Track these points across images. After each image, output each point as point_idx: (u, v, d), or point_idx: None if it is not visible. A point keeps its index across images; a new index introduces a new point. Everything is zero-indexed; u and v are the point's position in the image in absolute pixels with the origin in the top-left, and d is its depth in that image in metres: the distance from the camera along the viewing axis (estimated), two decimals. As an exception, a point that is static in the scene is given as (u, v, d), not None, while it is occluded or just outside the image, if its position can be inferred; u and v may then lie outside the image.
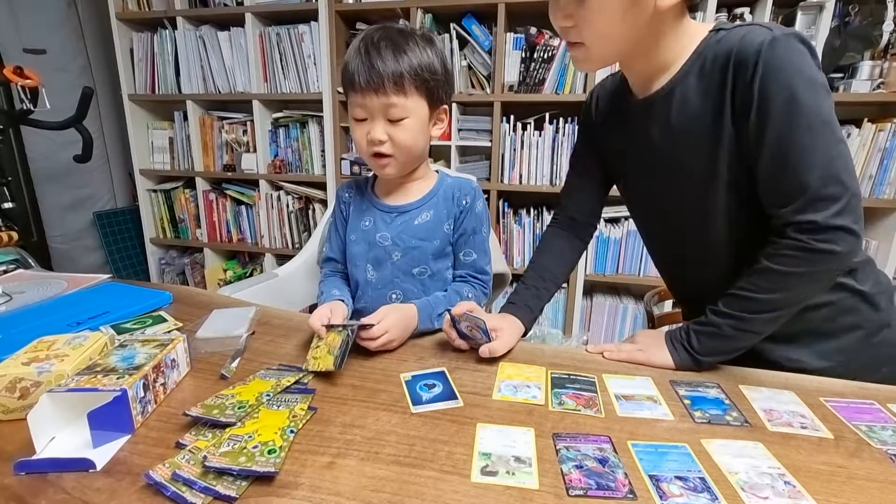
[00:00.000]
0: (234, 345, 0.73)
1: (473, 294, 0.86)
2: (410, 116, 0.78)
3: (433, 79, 0.78)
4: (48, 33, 2.21)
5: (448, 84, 0.82)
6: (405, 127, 0.78)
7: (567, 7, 0.63)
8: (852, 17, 1.73)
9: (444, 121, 0.85)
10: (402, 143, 0.79)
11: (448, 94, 0.83)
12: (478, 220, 0.88)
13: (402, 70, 0.74)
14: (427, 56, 0.77)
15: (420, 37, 0.78)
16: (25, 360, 0.56)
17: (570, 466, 0.48)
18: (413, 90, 0.77)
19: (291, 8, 2.09)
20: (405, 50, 0.75)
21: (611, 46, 0.65)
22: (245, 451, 0.47)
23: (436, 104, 0.81)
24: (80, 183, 2.42)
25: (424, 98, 0.79)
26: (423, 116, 0.80)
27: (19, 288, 0.93)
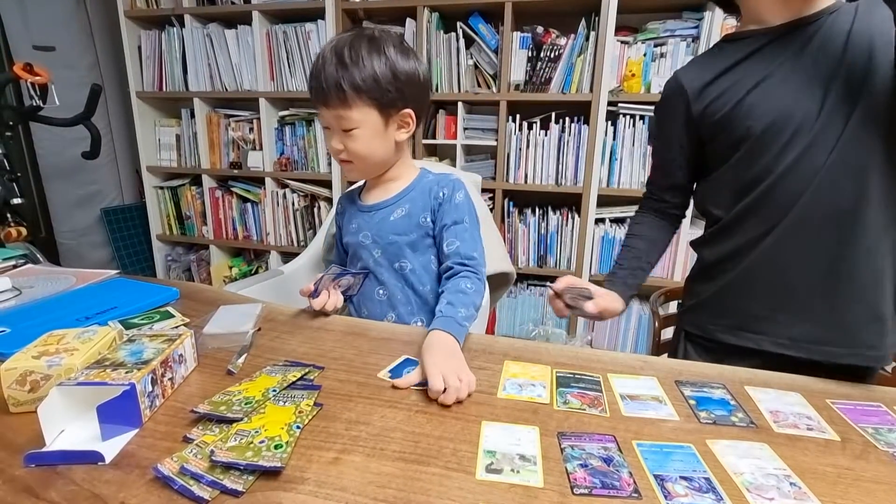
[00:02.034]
0: (241, 341, 0.73)
1: (472, 284, 0.81)
2: (360, 126, 0.80)
3: (379, 88, 0.78)
4: (57, 31, 2.23)
5: (404, 90, 0.81)
6: (356, 137, 0.81)
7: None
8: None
9: (411, 124, 0.85)
10: (355, 152, 0.82)
11: (408, 99, 0.82)
12: (458, 210, 0.87)
13: (342, 84, 0.77)
14: (372, 67, 0.78)
15: (370, 46, 0.79)
16: (35, 353, 0.57)
17: (575, 465, 0.48)
18: (358, 101, 0.78)
19: (298, 6, 2.09)
20: (348, 63, 0.77)
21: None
22: (252, 445, 0.47)
23: (389, 111, 0.81)
24: (87, 179, 2.44)
25: (373, 107, 0.80)
26: (374, 125, 0.81)
27: (28, 283, 0.94)
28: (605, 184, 1.99)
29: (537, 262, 2.15)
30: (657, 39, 1.88)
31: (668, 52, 1.85)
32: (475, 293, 0.80)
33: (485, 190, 2.09)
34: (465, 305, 0.76)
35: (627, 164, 1.96)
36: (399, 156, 0.90)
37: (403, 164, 0.92)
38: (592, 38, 1.87)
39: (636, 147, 1.93)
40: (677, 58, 1.84)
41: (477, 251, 0.86)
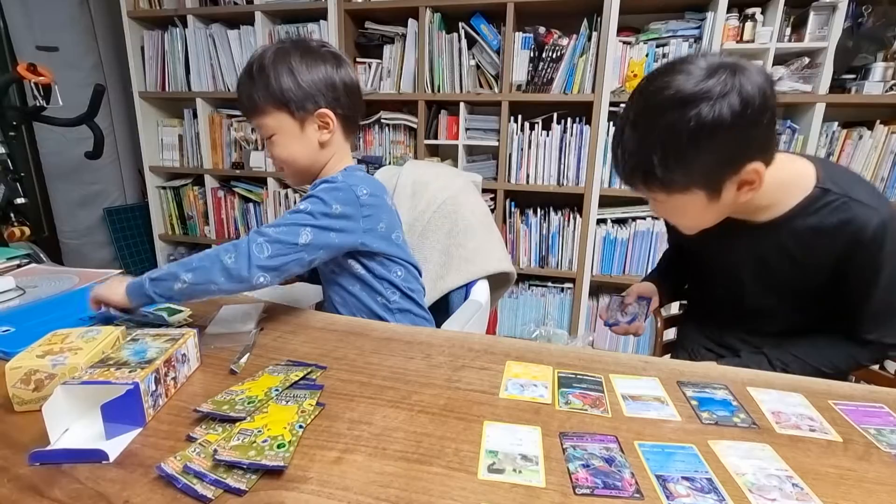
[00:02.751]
0: (243, 340, 0.73)
1: (222, 246, 0.75)
2: (277, 133, 0.85)
3: (283, 94, 0.82)
4: (61, 31, 2.24)
5: (312, 92, 0.83)
6: (276, 143, 0.86)
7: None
8: (865, 19, 1.71)
9: (330, 124, 0.86)
10: (278, 157, 0.88)
11: (322, 100, 0.84)
12: (304, 198, 0.84)
13: (252, 95, 0.83)
14: (276, 75, 0.81)
15: (276, 56, 0.82)
16: (40, 352, 0.57)
17: (577, 465, 0.48)
18: (268, 108, 0.83)
19: (301, 7, 2.10)
20: (255, 76, 0.82)
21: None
22: (255, 445, 0.48)
23: (302, 114, 0.84)
24: (90, 179, 2.44)
25: (284, 112, 0.83)
26: (289, 129, 0.85)
27: (32, 282, 0.95)
28: (606, 184, 1.99)
29: (539, 262, 2.15)
30: (659, 40, 1.88)
31: (671, 52, 1.85)
32: (206, 253, 0.74)
33: (486, 190, 2.10)
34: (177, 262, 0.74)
35: (629, 165, 1.95)
36: (328, 157, 0.90)
37: (335, 165, 0.91)
38: (594, 38, 1.87)
39: (638, 147, 1.93)
40: (679, 58, 1.84)
41: (273, 227, 0.77)
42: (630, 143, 0.67)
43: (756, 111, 0.61)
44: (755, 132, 0.64)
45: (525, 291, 2.20)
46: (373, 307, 0.93)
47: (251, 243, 0.74)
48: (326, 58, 0.85)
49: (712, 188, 0.68)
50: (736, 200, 0.70)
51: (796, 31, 1.78)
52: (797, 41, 1.75)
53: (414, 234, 1.13)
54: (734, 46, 1.77)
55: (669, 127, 0.63)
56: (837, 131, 1.77)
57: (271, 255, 0.75)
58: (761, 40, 1.75)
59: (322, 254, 0.82)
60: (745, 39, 1.78)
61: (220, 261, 0.73)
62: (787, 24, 1.78)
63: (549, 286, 2.19)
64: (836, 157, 1.78)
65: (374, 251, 0.89)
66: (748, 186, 0.68)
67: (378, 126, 2.20)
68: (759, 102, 0.61)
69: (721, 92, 0.60)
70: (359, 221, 0.85)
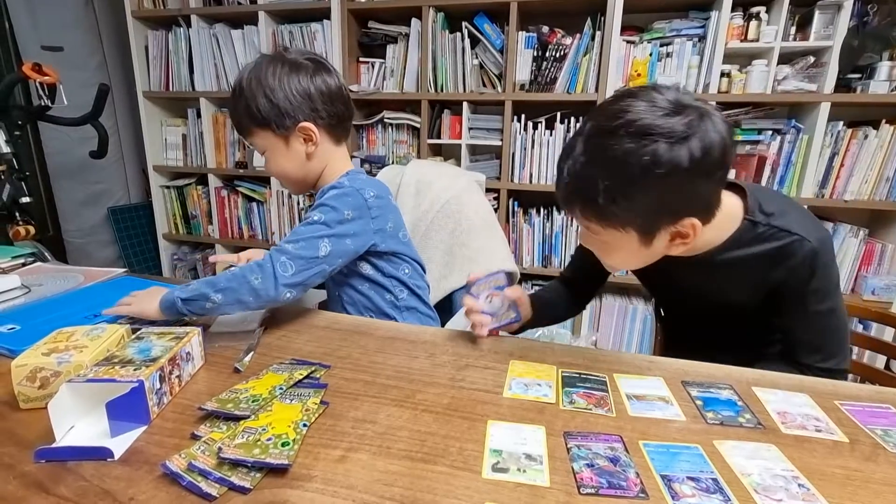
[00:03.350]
0: (248, 339, 0.74)
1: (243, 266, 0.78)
2: (266, 150, 0.87)
3: (261, 114, 0.83)
4: (66, 31, 2.24)
5: (288, 108, 0.83)
6: (268, 159, 0.89)
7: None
8: (871, 17, 1.70)
9: (314, 137, 0.86)
10: (272, 172, 0.91)
11: (300, 114, 0.84)
12: (315, 209, 0.84)
13: (237, 118, 0.86)
14: (252, 97, 0.82)
15: (253, 73, 0.83)
16: (45, 350, 0.57)
17: (582, 465, 0.48)
18: (252, 128, 0.85)
19: (304, 6, 2.10)
20: (237, 97, 0.84)
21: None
22: (259, 443, 0.48)
23: (282, 130, 0.84)
24: (94, 178, 2.45)
25: (266, 130, 0.85)
26: (275, 145, 0.86)
27: (38, 280, 0.95)
28: (610, 184, 1.98)
29: (542, 262, 2.14)
30: (663, 39, 1.87)
31: (674, 51, 1.85)
32: (233, 273, 0.75)
33: (489, 189, 2.09)
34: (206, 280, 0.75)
35: (633, 165, 1.95)
36: (321, 166, 0.90)
37: (330, 173, 0.91)
38: (598, 37, 1.86)
39: (642, 147, 1.92)
40: (683, 57, 1.84)
41: (292, 243, 0.78)
42: (578, 161, 0.62)
43: (713, 164, 0.58)
44: (705, 186, 0.61)
45: (528, 291, 2.19)
46: (382, 305, 0.93)
47: (275, 263, 0.76)
48: (302, 68, 0.84)
49: (647, 231, 0.64)
50: (666, 251, 0.68)
51: (801, 29, 1.77)
52: (802, 40, 1.74)
53: (417, 233, 1.13)
54: (739, 45, 1.76)
55: (623, 155, 0.58)
56: (843, 131, 1.76)
57: (295, 272, 0.77)
58: (766, 39, 1.74)
59: (341, 262, 0.84)
60: (749, 38, 1.78)
61: (247, 282, 0.74)
62: (791, 23, 1.77)
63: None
64: (841, 156, 1.77)
65: (383, 251, 0.90)
66: (681, 240, 0.65)
67: (381, 125, 2.20)
68: (717, 155, 0.58)
69: (682, 133, 0.57)
70: (369, 223, 0.86)
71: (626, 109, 0.59)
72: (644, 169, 0.57)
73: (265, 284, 0.74)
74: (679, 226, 0.63)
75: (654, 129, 0.57)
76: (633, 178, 0.58)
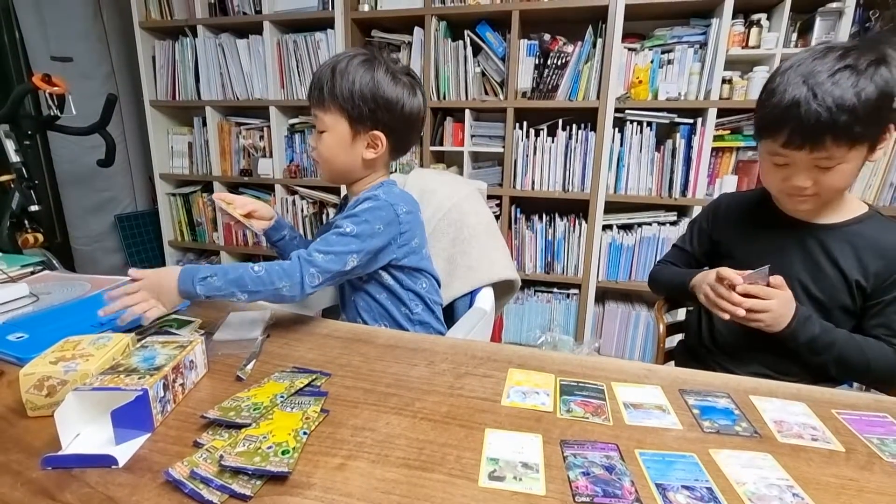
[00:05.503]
0: (250, 347, 0.75)
1: (266, 265, 0.78)
2: (329, 131, 0.88)
3: (353, 102, 0.84)
4: (75, 42, 2.29)
5: (379, 113, 0.86)
6: (323, 139, 0.89)
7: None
8: (873, 23, 1.71)
9: (380, 147, 0.88)
10: (320, 153, 0.90)
11: (381, 123, 0.86)
12: (347, 218, 0.84)
13: (324, 88, 0.85)
14: (353, 81, 0.84)
15: (363, 65, 0.85)
16: (53, 359, 0.58)
17: (577, 473, 0.48)
18: (331, 107, 0.86)
19: (308, 16, 2.13)
20: (336, 73, 0.85)
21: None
22: (260, 451, 0.48)
23: (358, 127, 0.87)
24: (102, 186, 2.49)
25: (344, 117, 0.86)
26: (341, 133, 0.87)
27: (45, 289, 0.97)
28: (612, 190, 1.99)
29: (544, 268, 2.15)
30: (664, 46, 1.88)
31: (676, 58, 1.86)
32: (258, 276, 0.76)
33: (492, 196, 2.11)
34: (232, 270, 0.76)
35: (635, 171, 1.96)
36: (368, 173, 0.93)
37: (371, 181, 0.94)
38: (599, 45, 1.88)
39: (643, 153, 1.93)
40: (685, 64, 1.85)
41: (318, 252, 0.80)
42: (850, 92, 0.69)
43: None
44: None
45: (531, 297, 2.20)
46: (396, 316, 0.95)
47: (304, 274, 0.78)
48: (404, 84, 0.88)
49: (874, 142, 0.74)
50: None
51: (802, 36, 1.78)
52: (803, 46, 1.75)
53: (419, 241, 1.14)
54: (740, 52, 1.77)
55: (886, 80, 0.69)
56: (845, 136, 1.76)
57: (321, 283, 0.80)
58: (767, 46, 1.75)
59: (361, 271, 0.87)
60: (750, 45, 1.78)
61: (274, 287, 0.77)
62: (793, 30, 1.77)
63: (554, 292, 2.19)
64: (844, 162, 1.77)
65: (405, 265, 0.92)
66: (881, 146, 0.76)
67: (384, 133, 2.22)
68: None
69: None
70: (396, 238, 0.89)
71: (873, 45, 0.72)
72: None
73: (292, 291, 0.78)
74: (887, 133, 0.75)
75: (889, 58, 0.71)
76: (887, 99, 0.69)
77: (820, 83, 0.70)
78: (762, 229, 0.91)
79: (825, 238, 0.84)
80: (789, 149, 0.75)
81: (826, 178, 0.76)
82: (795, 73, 0.73)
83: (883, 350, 0.80)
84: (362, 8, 2.08)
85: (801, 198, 0.80)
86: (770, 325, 0.81)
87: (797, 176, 0.78)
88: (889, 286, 0.81)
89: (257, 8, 2.20)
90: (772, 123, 0.76)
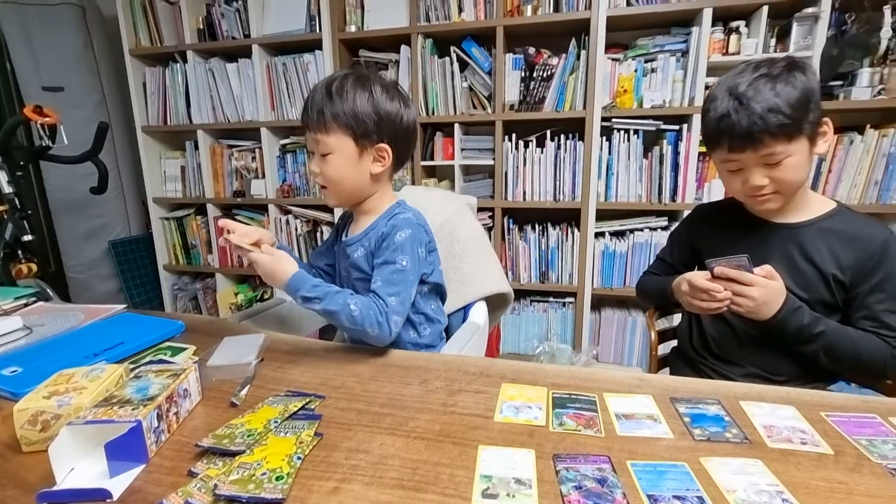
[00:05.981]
0: (244, 372, 0.75)
1: (361, 307, 0.80)
2: (335, 152, 0.87)
3: (357, 119, 0.85)
4: (66, 71, 2.31)
5: (382, 126, 0.87)
6: (329, 162, 0.87)
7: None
8: (849, 26, 1.74)
9: (386, 159, 0.90)
10: (328, 176, 0.89)
11: (385, 135, 0.88)
12: (392, 251, 0.86)
13: (324, 111, 0.85)
14: (353, 100, 0.85)
15: (358, 82, 0.86)
16: (46, 393, 0.59)
17: (570, 487, 0.49)
18: (335, 128, 0.85)
19: (297, 38, 2.16)
20: (333, 94, 0.85)
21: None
22: (254, 478, 0.49)
23: (364, 143, 0.87)
24: (95, 213, 2.49)
25: (349, 136, 0.86)
26: (348, 153, 0.87)
27: (39, 321, 0.97)
28: (602, 198, 2.01)
29: (539, 278, 2.16)
30: (647, 55, 1.92)
31: (659, 67, 1.89)
32: (353, 315, 0.79)
33: (484, 208, 2.12)
34: (332, 301, 0.79)
35: (624, 178, 1.98)
36: (376, 188, 0.94)
37: (380, 198, 0.95)
38: (583, 56, 1.91)
39: (632, 161, 1.96)
40: (668, 72, 1.88)
41: (393, 297, 0.83)
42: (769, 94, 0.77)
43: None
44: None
45: (527, 307, 2.21)
46: (404, 341, 0.95)
47: (390, 322, 0.82)
48: (398, 96, 0.90)
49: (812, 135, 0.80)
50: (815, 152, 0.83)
51: (781, 41, 1.82)
52: (782, 51, 1.78)
53: (411, 257, 1.15)
54: (721, 59, 1.80)
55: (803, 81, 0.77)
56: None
57: (401, 323, 0.85)
58: (747, 52, 1.79)
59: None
60: (730, 51, 1.82)
61: (365, 331, 0.81)
62: (771, 35, 1.81)
63: (550, 301, 2.19)
64: (828, 162, 1.79)
65: (429, 281, 0.94)
66: (822, 138, 0.82)
67: (375, 150, 2.24)
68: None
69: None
70: (426, 258, 0.92)
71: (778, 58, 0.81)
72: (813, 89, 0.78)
73: (381, 336, 0.82)
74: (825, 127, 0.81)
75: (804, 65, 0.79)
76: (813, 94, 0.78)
77: (742, 93, 0.78)
78: (739, 234, 0.94)
79: (799, 236, 0.88)
80: (735, 153, 0.82)
81: (778, 173, 0.81)
82: (722, 89, 0.82)
83: (874, 341, 0.82)
84: (349, 29, 2.11)
85: (763, 197, 0.84)
86: (753, 311, 0.83)
87: (752, 176, 0.82)
88: (866, 275, 0.83)
89: (246, 32, 2.23)
90: (712, 136, 0.84)
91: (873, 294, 0.83)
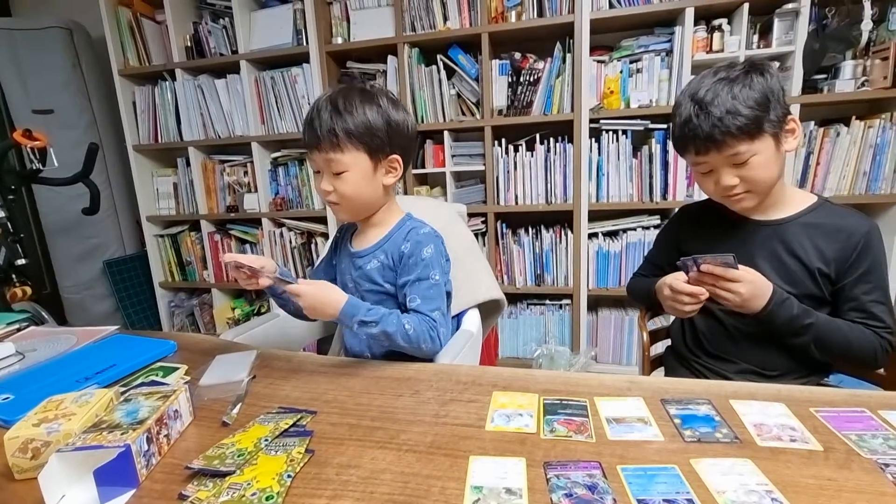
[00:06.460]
0: (236, 390, 0.75)
1: (415, 325, 0.83)
2: (349, 170, 0.86)
3: (370, 135, 0.85)
4: (55, 94, 2.32)
5: (393, 137, 0.87)
6: (345, 179, 0.86)
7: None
8: (830, 20, 1.76)
9: (398, 169, 0.91)
10: (344, 193, 0.87)
11: (396, 146, 0.88)
12: (423, 267, 0.87)
13: (336, 129, 0.83)
14: (365, 114, 0.84)
15: (363, 96, 0.86)
16: (36, 421, 0.59)
17: (560, 495, 0.49)
18: (349, 146, 0.84)
19: (284, 52, 2.17)
20: (341, 111, 0.83)
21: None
22: (244, 498, 0.49)
23: (378, 156, 0.87)
24: (89, 233, 2.49)
25: (364, 152, 0.86)
26: (363, 169, 0.87)
27: (31, 346, 0.97)
28: (594, 199, 2.01)
29: (535, 281, 2.16)
30: (632, 56, 1.93)
31: (644, 67, 1.90)
32: (408, 334, 0.81)
33: (477, 214, 2.13)
34: (388, 322, 0.80)
35: (615, 178, 1.99)
36: (386, 200, 0.94)
37: (389, 209, 0.96)
38: (569, 59, 1.92)
39: (621, 161, 1.97)
40: (653, 72, 1.89)
41: (437, 311, 0.86)
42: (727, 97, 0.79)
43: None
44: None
45: (524, 311, 2.21)
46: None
47: (440, 335, 0.86)
48: (400, 104, 0.90)
49: (777, 133, 0.81)
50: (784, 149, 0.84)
51: (763, 37, 1.83)
52: (765, 47, 1.80)
53: (403, 267, 1.15)
54: (705, 56, 1.82)
55: (760, 83, 0.79)
56: (815, 130, 1.80)
57: (446, 333, 0.89)
58: (730, 49, 1.80)
59: None
60: (714, 49, 1.83)
61: (419, 348, 0.84)
62: (753, 32, 1.83)
63: (547, 304, 2.19)
64: (816, 155, 1.81)
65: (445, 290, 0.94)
66: (791, 135, 0.83)
67: (366, 160, 2.24)
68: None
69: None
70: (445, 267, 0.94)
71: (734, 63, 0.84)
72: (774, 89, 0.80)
73: (434, 349, 0.86)
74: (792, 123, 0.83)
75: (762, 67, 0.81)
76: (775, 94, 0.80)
77: (702, 98, 0.81)
78: (724, 234, 0.94)
79: (782, 233, 0.89)
80: (701, 155, 0.84)
81: (747, 172, 0.82)
82: (685, 96, 0.85)
83: (863, 332, 0.83)
84: (335, 41, 2.12)
85: (737, 196, 0.86)
86: (741, 306, 0.84)
87: (722, 177, 0.84)
88: (850, 267, 0.84)
89: (233, 48, 2.24)
90: (679, 141, 0.87)
91: (859, 285, 0.84)
